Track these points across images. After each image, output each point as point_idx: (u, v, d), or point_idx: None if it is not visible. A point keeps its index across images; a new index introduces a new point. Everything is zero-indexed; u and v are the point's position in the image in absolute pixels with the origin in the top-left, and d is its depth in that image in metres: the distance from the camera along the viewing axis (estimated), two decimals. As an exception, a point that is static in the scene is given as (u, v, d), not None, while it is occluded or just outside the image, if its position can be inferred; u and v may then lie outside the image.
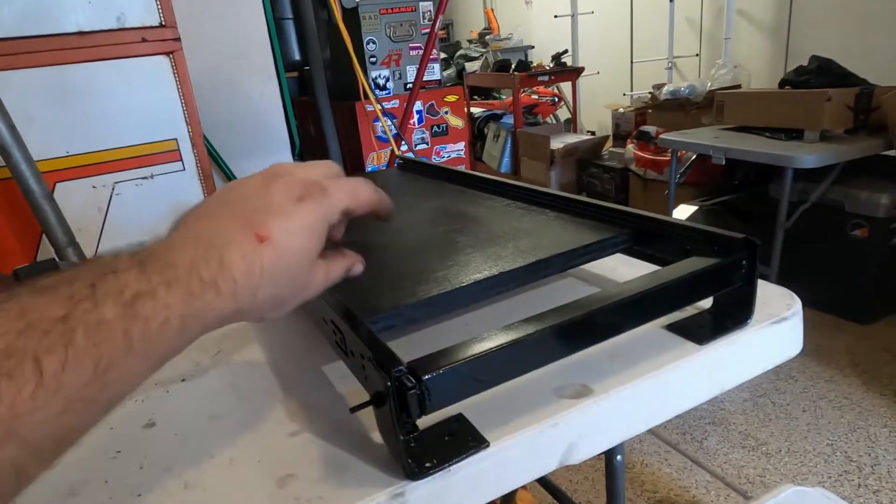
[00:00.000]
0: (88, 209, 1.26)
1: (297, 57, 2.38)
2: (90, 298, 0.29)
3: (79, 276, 0.31)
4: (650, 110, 3.43)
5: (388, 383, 0.39)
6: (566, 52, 5.06)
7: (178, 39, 1.26)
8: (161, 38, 1.24)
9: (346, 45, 1.93)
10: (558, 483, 1.30)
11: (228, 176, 1.81)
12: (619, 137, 3.81)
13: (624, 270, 0.70)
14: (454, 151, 2.95)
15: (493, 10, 6.84)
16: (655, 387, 0.51)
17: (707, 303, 0.60)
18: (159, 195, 1.33)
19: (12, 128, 1.02)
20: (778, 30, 3.86)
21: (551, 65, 4.65)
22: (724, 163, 2.42)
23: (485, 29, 6.73)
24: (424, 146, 2.82)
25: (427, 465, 0.43)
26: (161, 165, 1.31)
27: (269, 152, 1.86)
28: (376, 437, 0.46)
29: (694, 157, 2.88)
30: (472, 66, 5.53)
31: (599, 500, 1.61)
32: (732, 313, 0.57)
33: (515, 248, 0.63)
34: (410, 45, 2.63)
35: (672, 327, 0.58)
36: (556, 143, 3.82)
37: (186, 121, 1.31)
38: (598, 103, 5.23)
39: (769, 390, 2.01)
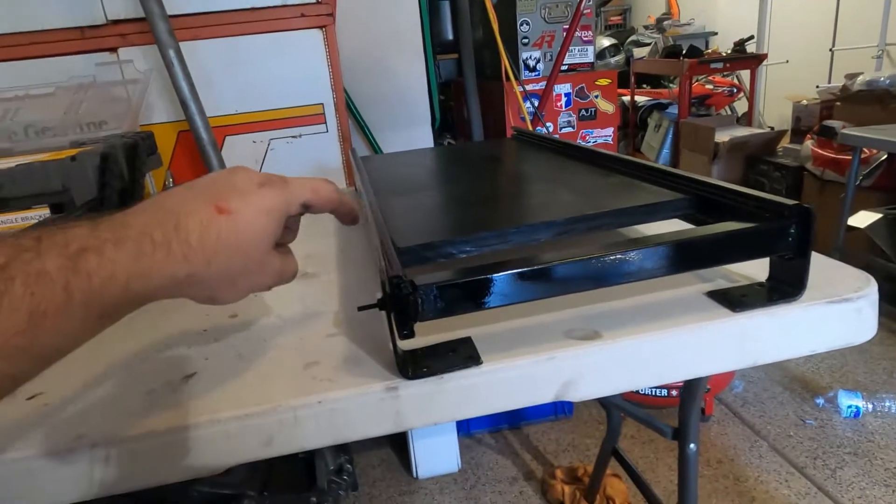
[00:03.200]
0: (248, 160, 1.48)
1: (450, 37, 2.49)
2: (34, 249, 0.29)
3: (29, 231, 0.31)
4: (838, 103, 3.02)
5: (388, 289, 0.45)
6: (751, 38, 4.61)
7: (331, 15, 1.42)
8: (317, 14, 1.40)
9: (492, 26, 1.99)
10: (645, 478, 1.27)
11: (373, 145, 1.98)
12: (799, 133, 3.41)
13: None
14: (601, 137, 2.88)
15: (675, -7, 6.42)
16: (672, 343, 0.51)
17: (762, 275, 0.57)
18: (305, 152, 1.52)
19: (192, 86, 1.24)
20: None
21: (730, 52, 4.27)
22: (917, 164, 2.07)
23: (664, 14, 6.35)
24: (570, 129, 2.80)
25: (424, 369, 0.48)
26: (308, 127, 1.49)
27: (412, 125, 1.99)
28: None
29: (884, 157, 2.49)
30: (640, 53, 5.26)
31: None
32: (782, 287, 0.54)
33: (569, 204, 0.65)
34: (564, 27, 2.61)
35: (713, 294, 0.56)
36: (722, 136, 3.53)
37: (332, 88, 1.47)
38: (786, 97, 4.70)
39: (939, 431, 1.71)
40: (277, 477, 1.31)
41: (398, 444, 1.82)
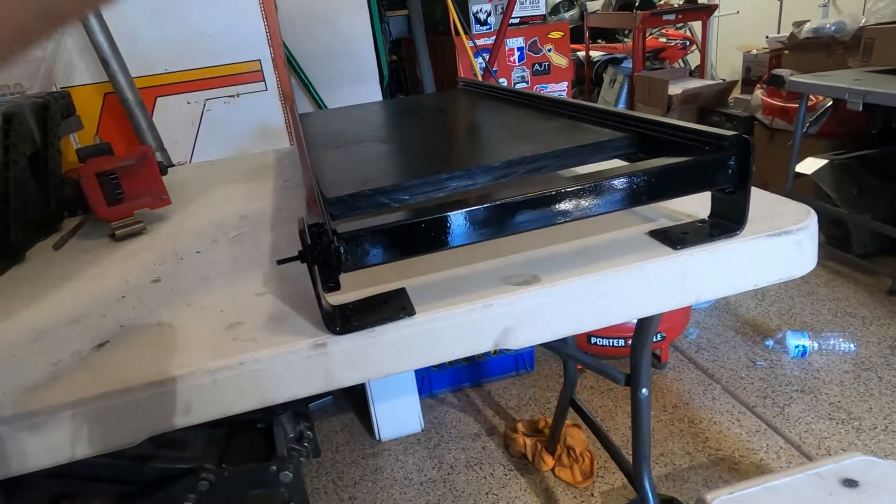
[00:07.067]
0: (183, 123, 1.40)
1: (398, -10, 2.39)
2: None
3: None
4: (787, 51, 3.05)
5: (308, 238, 0.42)
6: (704, -12, 4.60)
7: (263, -38, 1.32)
8: (246, -39, 1.31)
9: (439, -25, 1.91)
10: (604, 426, 1.29)
11: (318, 103, 1.90)
12: (750, 83, 3.45)
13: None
14: (555, 91, 2.84)
15: (627, -55, 6.32)
16: (612, 284, 0.50)
17: (705, 214, 0.56)
18: (244, 112, 1.44)
19: (111, 41, 1.14)
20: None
21: (682, 3, 4.26)
22: (860, 109, 2.11)
23: (616, -33, 6.26)
24: (524, 84, 2.75)
25: (355, 323, 0.45)
26: (246, 85, 1.41)
27: (359, 82, 1.92)
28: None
29: (830, 104, 2.54)
30: (594, 7, 5.21)
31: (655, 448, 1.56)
32: (723, 223, 0.53)
33: (509, 148, 0.62)
34: (515, -23, 2.53)
35: (654, 233, 0.55)
36: (675, 89, 3.54)
37: (269, 43, 1.39)
38: (737, 47, 4.73)
39: (878, 364, 1.79)
40: (235, 448, 1.28)
41: (360, 409, 1.80)
